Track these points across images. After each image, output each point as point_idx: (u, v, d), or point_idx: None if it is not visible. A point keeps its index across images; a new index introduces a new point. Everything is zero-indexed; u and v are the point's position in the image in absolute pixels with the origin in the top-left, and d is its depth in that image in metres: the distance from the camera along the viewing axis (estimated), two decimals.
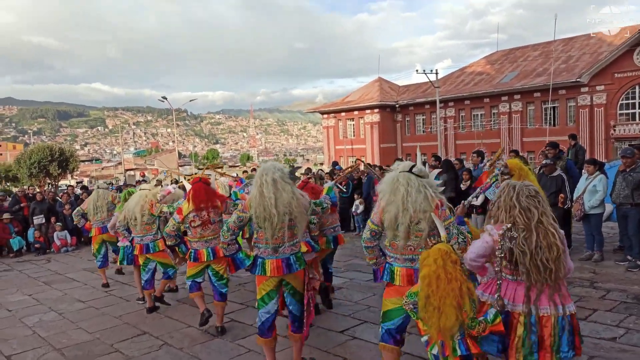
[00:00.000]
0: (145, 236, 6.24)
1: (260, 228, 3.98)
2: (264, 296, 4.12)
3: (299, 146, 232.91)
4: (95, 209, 7.90)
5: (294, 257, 4.06)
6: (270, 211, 3.85)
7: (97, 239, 8.00)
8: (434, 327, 2.82)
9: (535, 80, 32.17)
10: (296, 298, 4.17)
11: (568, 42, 35.02)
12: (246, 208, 4.00)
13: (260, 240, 4.03)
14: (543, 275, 2.88)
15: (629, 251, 6.86)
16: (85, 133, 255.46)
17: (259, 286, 4.14)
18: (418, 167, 3.52)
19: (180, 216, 5.25)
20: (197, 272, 5.47)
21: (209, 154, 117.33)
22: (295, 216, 3.98)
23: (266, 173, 3.97)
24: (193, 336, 5.42)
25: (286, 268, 4.01)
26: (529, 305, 2.90)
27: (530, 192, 3.03)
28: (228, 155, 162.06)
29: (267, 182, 3.92)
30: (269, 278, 4.04)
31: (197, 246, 5.32)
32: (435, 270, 2.82)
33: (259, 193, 3.92)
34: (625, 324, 4.81)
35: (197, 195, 5.24)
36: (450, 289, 2.78)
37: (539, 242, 2.88)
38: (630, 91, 28.85)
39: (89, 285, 8.33)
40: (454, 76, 39.97)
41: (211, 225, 5.31)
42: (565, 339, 2.88)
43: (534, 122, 32.39)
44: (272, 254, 4.00)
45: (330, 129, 44.98)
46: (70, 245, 12.33)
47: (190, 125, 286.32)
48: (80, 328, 6.02)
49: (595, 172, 7.31)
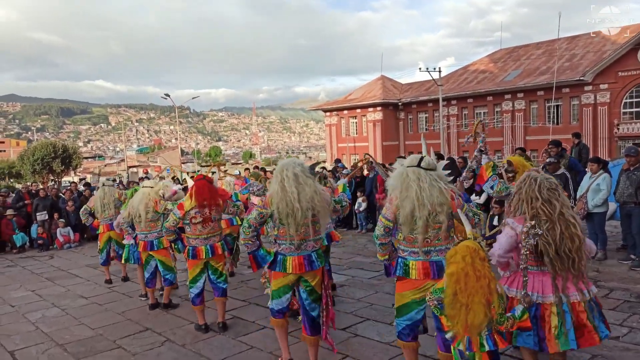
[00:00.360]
0: (150, 233, 6.24)
1: (282, 224, 3.88)
2: (279, 291, 4.07)
3: (301, 144, 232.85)
4: (102, 207, 7.86)
5: (316, 254, 4.00)
6: (294, 206, 3.77)
7: (105, 236, 7.97)
8: (461, 324, 2.82)
9: (538, 78, 32.08)
10: (312, 297, 4.05)
11: (572, 40, 34.89)
12: (267, 204, 3.91)
13: (282, 236, 3.93)
14: (567, 265, 3.02)
15: (633, 250, 6.84)
16: (88, 130, 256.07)
17: (275, 280, 4.07)
18: (426, 160, 3.52)
19: (182, 212, 5.21)
20: (198, 272, 5.38)
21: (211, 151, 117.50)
22: (318, 211, 3.90)
23: (287, 168, 3.89)
24: (195, 333, 5.42)
25: (308, 265, 3.93)
26: (559, 294, 3.04)
27: (551, 184, 3.15)
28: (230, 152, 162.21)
29: (289, 176, 3.84)
30: (288, 275, 3.96)
31: (195, 243, 5.28)
32: (464, 267, 2.80)
33: (281, 188, 3.83)
34: (629, 323, 4.80)
35: (200, 192, 5.21)
36: (479, 287, 2.77)
37: (562, 234, 3.01)
38: (634, 90, 28.73)
39: (91, 281, 8.34)
40: (457, 74, 39.87)
41: (211, 222, 5.30)
42: (599, 319, 3.09)
43: (537, 121, 32.30)
44: (294, 251, 3.92)
45: (332, 126, 44.95)
46: (73, 241, 12.36)
47: (193, 122, 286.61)
48: (83, 324, 6.04)
49: (598, 170, 7.28)
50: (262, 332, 5.30)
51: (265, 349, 4.83)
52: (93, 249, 11.69)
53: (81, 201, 13.16)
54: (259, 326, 5.45)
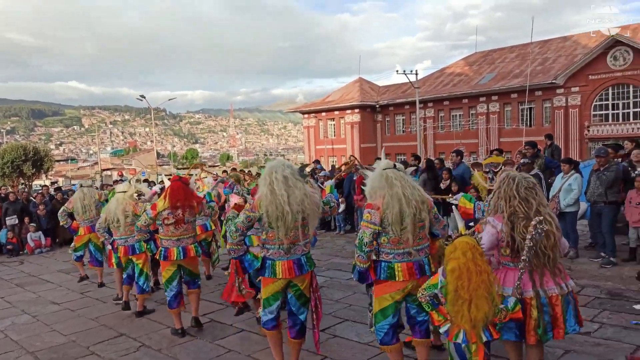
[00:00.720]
0: (130, 237, 6.14)
1: (271, 228, 3.78)
2: (270, 298, 3.94)
3: (279, 146, 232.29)
4: (83, 208, 7.72)
5: (305, 258, 3.91)
6: (284, 209, 3.68)
7: (84, 237, 7.84)
8: (465, 319, 2.87)
9: (512, 81, 32.73)
10: (301, 301, 3.98)
11: (544, 44, 35.72)
12: (255, 207, 3.79)
13: (271, 240, 3.82)
14: (543, 261, 3.15)
15: (603, 248, 7.03)
16: (61, 132, 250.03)
17: (265, 287, 3.96)
18: (397, 165, 3.76)
19: (154, 212, 5.17)
20: (172, 274, 5.31)
21: (188, 153, 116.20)
22: (308, 214, 3.82)
23: (276, 170, 3.79)
24: (172, 337, 5.34)
25: (297, 269, 3.84)
26: (536, 288, 3.17)
27: (529, 183, 3.30)
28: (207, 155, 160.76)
29: (278, 179, 3.74)
30: (278, 280, 3.86)
31: (167, 244, 5.24)
32: (465, 263, 2.87)
33: (270, 191, 3.74)
34: (599, 319, 4.92)
35: (174, 193, 5.18)
36: (480, 281, 2.85)
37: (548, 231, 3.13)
38: (604, 93, 29.58)
39: (63, 287, 8.14)
40: (434, 77, 40.38)
41: (184, 224, 5.25)
42: (571, 313, 3.22)
43: (511, 123, 32.94)
44: (284, 255, 3.82)
45: (310, 128, 44.97)
46: (45, 246, 12.05)
47: (169, 124, 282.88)
48: (54, 330, 5.89)
49: (570, 171, 7.46)
50: (239, 335, 5.26)
51: (243, 352, 4.79)
52: (65, 254, 11.41)
53: (53, 205, 12.85)
54: (237, 329, 5.41)
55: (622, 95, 29.01)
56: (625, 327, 4.67)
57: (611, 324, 4.76)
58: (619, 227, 7.37)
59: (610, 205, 6.92)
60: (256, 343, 4.96)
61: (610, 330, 4.63)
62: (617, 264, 6.77)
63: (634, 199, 6.82)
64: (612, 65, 28.46)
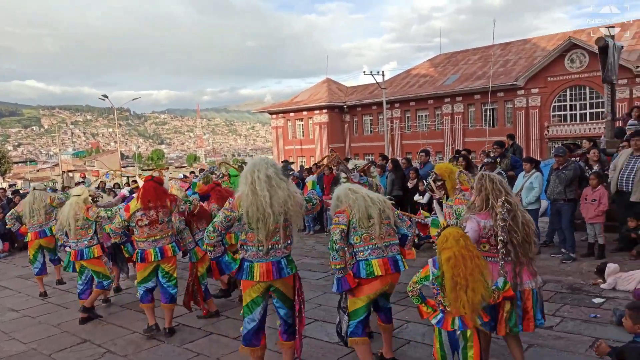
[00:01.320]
0: (79, 242, 5.94)
1: (251, 229, 3.61)
2: (250, 303, 3.75)
3: (247, 146, 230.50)
4: (31, 212, 7.38)
5: (285, 260, 3.73)
6: (265, 211, 3.51)
7: (34, 244, 7.48)
8: (464, 303, 2.97)
9: (475, 83, 33.50)
10: (287, 304, 3.83)
11: (505, 46, 36.71)
12: (235, 207, 3.62)
13: (250, 241, 3.65)
14: (526, 249, 3.37)
15: (563, 244, 7.27)
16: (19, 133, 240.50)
17: (245, 292, 3.78)
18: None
19: (127, 214, 5.06)
20: (147, 275, 5.23)
21: (153, 154, 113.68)
22: (291, 215, 3.67)
23: (258, 169, 3.61)
24: (138, 342, 5.22)
25: (276, 272, 3.65)
26: (516, 282, 3.35)
27: (502, 180, 3.56)
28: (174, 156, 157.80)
29: (260, 178, 3.56)
30: (257, 283, 3.68)
31: (144, 246, 5.12)
32: (459, 250, 2.99)
33: (251, 191, 3.56)
34: (561, 313, 5.09)
35: (146, 193, 5.06)
36: (474, 265, 2.99)
37: (522, 222, 3.39)
38: (562, 94, 30.64)
39: (22, 293, 7.83)
40: (400, 78, 40.90)
41: (159, 225, 5.14)
42: (539, 308, 3.48)
43: (474, 123, 33.72)
44: (262, 257, 3.65)
45: (279, 129, 44.80)
46: (2, 251, 11.57)
47: (134, 125, 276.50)
48: (13, 339, 5.66)
49: (531, 169, 7.69)
50: (208, 337, 5.18)
51: (211, 355, 4.73)
52: (24, 258, 10.97)
53: (10, 208, 12.35)
54: (205, 332, 5.33)
55: (579, 96, 30.13)
56: (585, 320, 4.85)
57: (572, 318, 4.94)
58: (578, 224, 7.65)
59: (569, 203, 7.17)
60: (225, 346, 4.90)
61: (570, 323, 4.80)
62: (577, 259, 7.02)
63: (589, 196, 7.09)
64: (570, 68, 29.53)
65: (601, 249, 7.02)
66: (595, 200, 6.99)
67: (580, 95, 30.05)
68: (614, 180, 7.29)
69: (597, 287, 5.80)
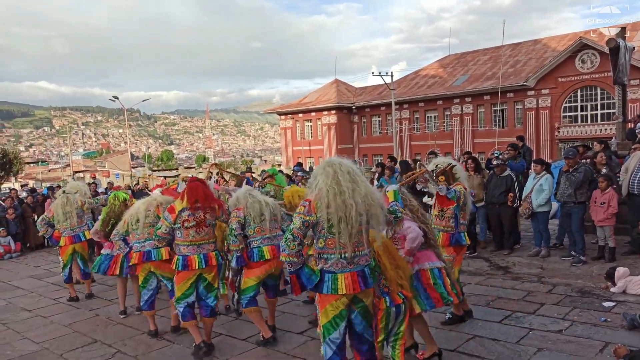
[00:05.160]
0: (147, 241, 5.34)
1: (331, 234, 3.23)
2: (334, 319, 3.30)
3: (256, 147, 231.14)
4: (64, 215, 7.10)
5: (369, 269, 3.36)
6: (349, 208, 3.18)
7: (68, 249, 7.13)
8: (401, 279, 3.67)
9: (485, 83, 33.35)
10: (367, 320, 3.43)
11: (515, 47, 36.51)
12: (313, 210, 3.23)
13: (330, 248, 3.25)
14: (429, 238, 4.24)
15: (573, 247, 7.22)
16: (30, 134, 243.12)
17: (325, 308, 3.32)
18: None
19: (173, 215, 4.60)
20: (189, 287, 4.70)
21: (163, 155, 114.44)
22: (372, 215, 3.29)
23: (339, 163, 3.32)
24: (148, 343, 5.26)
25: (362, 282, 3.28)
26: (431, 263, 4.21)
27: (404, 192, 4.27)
28: (183, 156, 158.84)
29: (342, 170, 3.27)
30: (341, 297, 3.26)
31: (187, 251, 4.62)
32: (385, 241, 3.74)
33: (336, 185, 3.22)
34: (570, 317, 5.06)
35: (193, 192, 4.64)
36: (396, 252, 3.83)
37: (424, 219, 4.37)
38: (573, 95, 30.41)
39: (35, 293, 7.93)
40: (409, 79, 40.82)
41: (206, 227, 4.70)
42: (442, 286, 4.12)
43: (484, 124, 33.56)
44: (346, 266, 3.26)
45: (287, 130, 44.90)
46: (15, 251, 11.72)
47: (144, 125, 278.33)
48: (26, 338, 5.73)
49: (541, 171, 7.65)
50: (219, 338, 5.22)
51: (221, 356, 4.76)
52: (36, 259, 11.14)
53: (22, 209, 12.51)
54: (215, 333, 5.35)
55: (590, 97, 29.88)
56: (595, 324, 4.82)
57: (581, 322, 4.90)
58: (589, 226, 7.60)
59: (580, 205, 7.12)
60: (235, 347, 4.93)
61: (580, 327, 4.77)
62: (587, 262, 6.96)
63: (599, 199, 7.04)
64: (580, 68, 29.30)
65: (612, 252, 6.97)
66: (605, 203, 6.94)
67: (591, 95, 29.80)
68: (625, 182, 7.23)
69: (607, 290, 5.75)
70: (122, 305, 6.29)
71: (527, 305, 5.51)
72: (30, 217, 12.43)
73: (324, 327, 3.34)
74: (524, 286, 6.22)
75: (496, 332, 4.80)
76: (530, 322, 4.99)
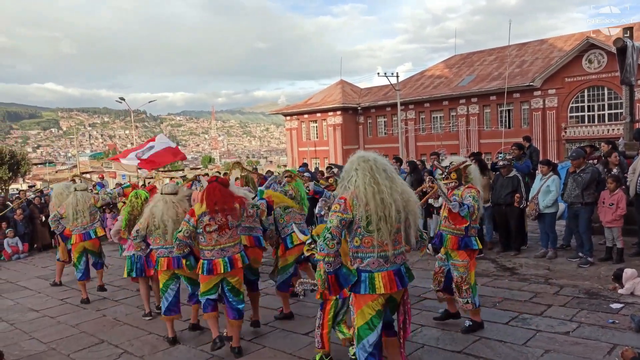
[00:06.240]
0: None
1: (368, 232, 3.17)
2: (371, 319, 3.25)
3: (262, 148, 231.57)
4: (75, 214, 7.09)
5: (404, 268, 3.33)
6: (388, 206, 3.12)
7: (78, 247, 7.15)
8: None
9: (491, 84, 33.21)
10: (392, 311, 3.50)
11: (522, 47, 36.33)
12: (349, 208, 3.16)
13: (367, 247, 3.19)
14: None
15: (580, 248, 7.17)
16: (38, 135, 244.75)
17: (361, 309, 3.27)
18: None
19: (194, 218, 4.50)
20: (212, 287, 4.69)
21: None
22: (410, 211, 3.25)
23: (374, 159, 3.25)
24: (154, 344, 5.28)
25: (399, 282, 3.24)
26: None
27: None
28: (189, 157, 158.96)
29: (379, 167, 3.21)
30: (378, 297, 3.23)
31: (211, 255, 4.55)
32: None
33: (373, 182, 3.15)
34: (578, 318, 5.03)
35: (211, 195, 4.52)
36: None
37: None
38: (580, 95, 30.23)
39: (42, 293, 7.98)
40: (414, 79, 40.73)
41: (229, 230, 4.60)
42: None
43: (490, 125, 33.42)
44: (384, 265, 3.22)
45: (293, 130, 44.93)
46: (22, 252, 11.80)
47: (150, 127, 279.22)
48: (33, 338, 5.77)
49: (548, 172, 7.60)
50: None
51: (226, 357, 4.76)
52: (43, 259, 11.21)
53: (30, 210, 12.59)
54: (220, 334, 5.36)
55: (597, 97, 29.69)
56: (602, 326, 4.78)
57: (589, 323, 4.87)
58: (596, 227, 7.55)
59: (587, 206, 7.07)
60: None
61: (588, 329, 4.74)
62: (595, 263, 6.92)
63: (607, 200, 6.99)
64: (587, 68, 29.12)
65: (619, 253, 6.92)
66: (613, 204, 6.89)
67: (598, 96, 29.61)
68: (633, 183, 7.17)
69: (615, 292, 5.71)
70: (148, 307, 6.20)
71: (534, 306, 5.48)
72: (38, 218, 12.51)
73: (359, 330, 3.26)
74: (531, 287, 6.18)
75: (503, 333, 4.77)
76: (537, 323, 4.96)
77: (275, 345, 4.93)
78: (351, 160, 3.32)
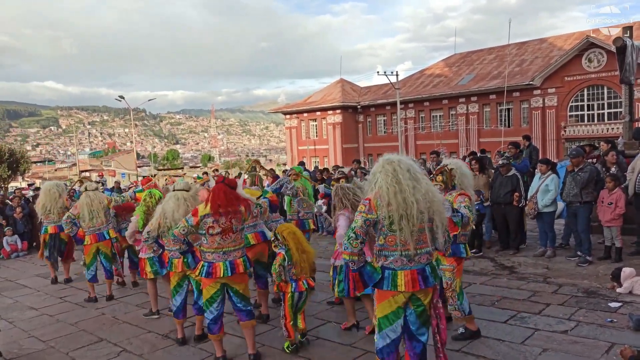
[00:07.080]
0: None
1: (391, 231, 3.23)
2: (390, 315, 3.33)
3: (261, 146, 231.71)
4: (90, 214, 6.94)
5: (430, 268, 3.33)
6: (410, 205, 3.17)
7: (92, 247, 7.01)
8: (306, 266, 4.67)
9: (490, 82, 33.20)
10: (422, 319, 3.39)
11: (521, 46, 36.31)
12: (373, 208, 3.23)
13: (390, 245, 3.26)
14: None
15: (579, 247, 7.18)
16: (37, 133, 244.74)
17: (381, 303, 3.36)
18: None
19: (195, 219, 4.38)
20: (214, 294, 4.49)
21: (168, 154, 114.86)
22: (435, 212, 3.27)
23: (398, 160, 3.31)
24: (153, 342, 5.29)
25: (422, 281, 3.27)
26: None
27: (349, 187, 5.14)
28: (189, 156, 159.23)
29: (402, 168, 3.25)
30: (399, 294, 3.28)
31: (212, 258, 4.42)
32: (291, 228, 4.73)
33: (396, 182, 3.21)
34: (576, 317, 5.04)
35: (215, 197, 4.40)
36: (303, 236, 4.79)
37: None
38: (579, 94, 30.22)
39: (42, 292, 7.99)
40: (414, 78, 40.72)
41: (233, 234, 4.46)
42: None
43: (489, 123, 33.42)
44: (407, 264, 3.27)
45: (293, 129, 44.93)
46: (21, 250, 11.80)
47: (149, 125, 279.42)
48: (32, 337, 5.78)
49: (547, 171, 7.61)
50: (224, 338, 5.22)
51: (228, 355, 4.76)
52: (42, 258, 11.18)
53: (30, 208, 12.58)
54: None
55: (596, 96, 29.68)
56: (601, 325, 4.79)
57: (587, 322, 4.88)
58: (595, 226, 7.56)
59: (586, 205, 7.08)
60: (239, 346, 4.94)
61: (586, 328, 4.75)
62: (593, 262, 6.93)
63: (606, 199, 6.99)
64: (587, 67, 29.10)
65: (618, 252, 6.93)
66: (612, 203, 6.89)
67: (598, 95, 29.60)
68: (632, 182, 7.18)
69: (613, 291, 5.72)
70: (155, 306, 6.17)
71: (532, 305, 5.49)
72: (37, 216, 12.49)
73: (379, 320, 3.39)
74: (530, 286, 6.19)
75: (501, 332, 4.78)
76: (536, 322, 4.98)
77: (274, 345, 4.93)
78: (377, 163, 3.42)
